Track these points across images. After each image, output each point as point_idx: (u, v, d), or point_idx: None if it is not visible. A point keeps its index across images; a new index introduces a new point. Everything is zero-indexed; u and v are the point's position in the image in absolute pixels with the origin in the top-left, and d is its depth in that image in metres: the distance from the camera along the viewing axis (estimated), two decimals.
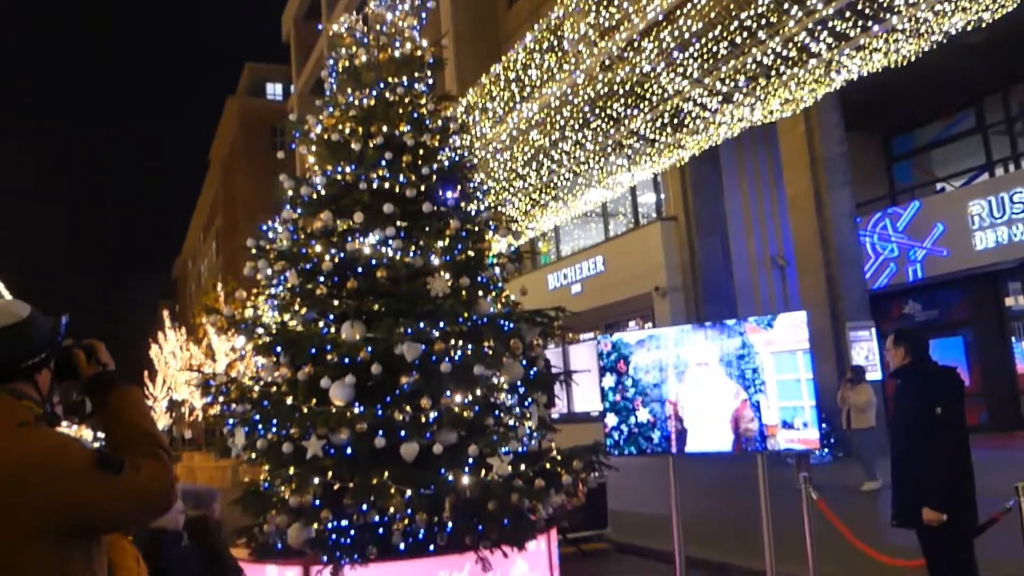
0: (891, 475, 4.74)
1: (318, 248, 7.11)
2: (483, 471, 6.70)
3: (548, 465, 7.21)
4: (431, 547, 6.49)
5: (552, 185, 18.15)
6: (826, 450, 14.15)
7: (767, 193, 20.65)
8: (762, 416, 6.32)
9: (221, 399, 7.24)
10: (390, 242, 7.05)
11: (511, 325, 7.44)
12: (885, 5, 11.22)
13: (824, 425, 12.81)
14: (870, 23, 11.61)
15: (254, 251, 7.37)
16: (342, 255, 7.02)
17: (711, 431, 6.62)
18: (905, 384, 4.74)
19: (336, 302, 6.95)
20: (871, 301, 16.94)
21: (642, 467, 12.81)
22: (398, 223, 7.14)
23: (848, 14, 11.49)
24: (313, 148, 7.82)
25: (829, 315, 16.16)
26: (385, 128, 7.48)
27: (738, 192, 21.07)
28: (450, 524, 6.50)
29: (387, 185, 7.33)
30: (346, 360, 6.63)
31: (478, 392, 6.91)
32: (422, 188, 7.40)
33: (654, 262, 20.88)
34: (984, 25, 11.90)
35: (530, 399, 7.58)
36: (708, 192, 20.56)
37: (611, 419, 7.19)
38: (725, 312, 18.72)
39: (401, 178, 7.36)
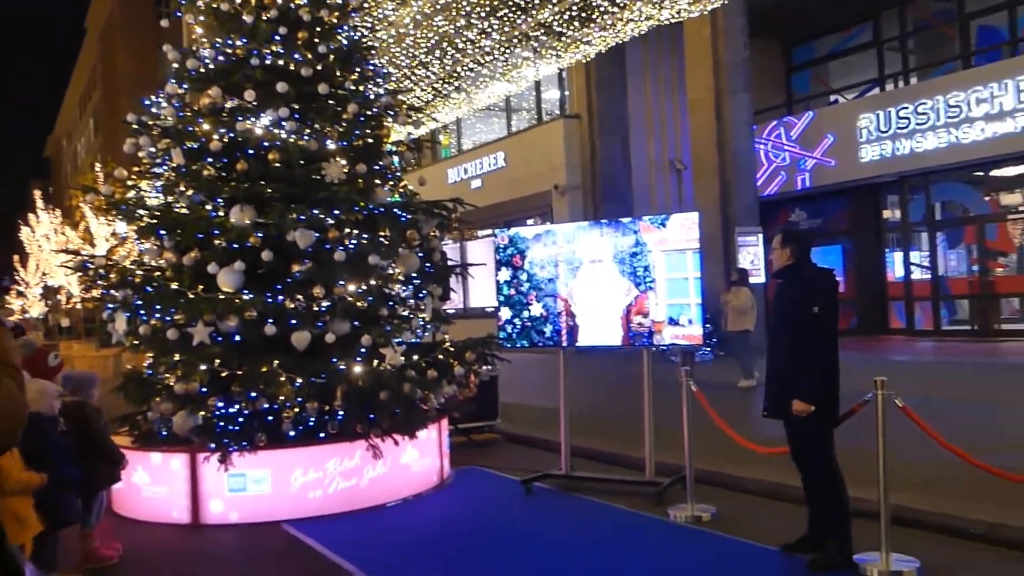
0: (766, 369, 5.00)
1: (206, 126, 6.78)
2: (376, 361, 6.72)
3: (441, 356, 7.30)
4: (322, 434, 6.53)
5: (455, 75, 17.70)
6: (708, 348, 14.81)
7: (669, 97, 20.78)
8: (650, 312, 6.51)
9: (100, 283, 6.94)
10: (283, 123, 6.78)
11: (408, 216, 7.35)
12: None
13: (708, 325, 13.36)
14: None
15: (136, 127, 6.96)
16: (231, 135, 6.71)
17: (602, 326, 6.79)
18: (786, 284, 4.95)
19: (225, 184, 6.68)
20: (760, 207, 17.50)
21: (534, 362, 13.15)
22: (292, 104, 6.85)
23: None
24: (201, 18, 7.33)
25: (720, 219, 16.63)
26: (279, 0, 7.07)
27: (641, 94, 21.11)
28: (341, 412, 6.54)
29: (281, 62, 6.99)
30: (235, 245, 6.43)
31: (372, 282, 6.86)
32: (319, 68, 7.09)
33: (555, 160, 20.88)
34: None
35: (425, 291, 7.59)
36: (612, 92, 20.50)
37: (505, 312, 7.28)
38: (622, 212, 19.00)
39: (296, 56, 7.02)
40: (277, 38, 7.00)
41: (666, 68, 20.65)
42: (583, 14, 14.70)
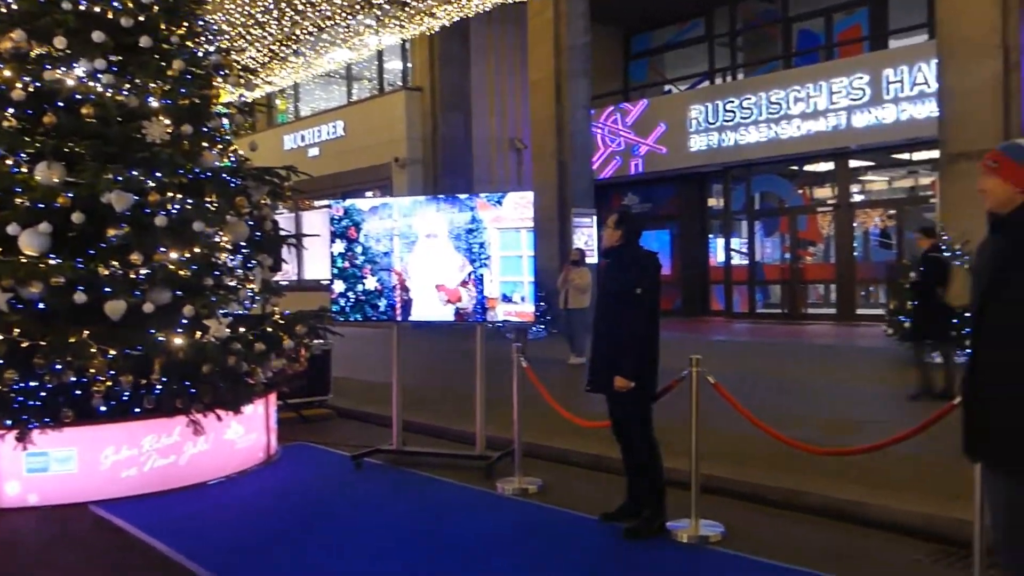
0: (590, 347, 5.17)
1: (7, 73, 6.17)
2: (199, 333, 6.41)
3: (270, 329, 7.05)
4: (137, 410, 6.16)
5: (294, 38, 17.08)
6: (541, 326, 15.17)
7: (512, 76, 20.99)
8: (484, 289, 6.57)
9: None
10: (99, 76, 6.28)
11: (238, 182, 7.03)
12: None
13: (542, 303, 13.67)
14: None
15: None
16: (38, 84, 6.15)
17: (436, 302, 6.78)
18: (614, 263, 5.13)
19: (30, 138, 6.12)
20: (596, 190, 18.05)
21: (369, 336, 13.01)
22: (110, 56, 6.36)
23: None
24: None
25: (557, 199, 17.01)
26: None
27: (484, 71, 21.19)
28: (159, 386, 6.19)
29: (98, 9, 6.46)
30: (41, 205, 5.92)
31: (197, 250, 6.51)
32: (140, 19, 6.61)
33: (396, 132, 20.62)
34: None
35: (254, 261, 7.30)
36: (455, 67, 20.45)
37: (339, 286, 7.13)
38: (463, 188, 19.06)
39: (115, 3, 6.51)
40: None
41: (509, 47, 20.83)
42: None
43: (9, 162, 6.06)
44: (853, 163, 17.48)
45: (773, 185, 19.21)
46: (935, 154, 12.55)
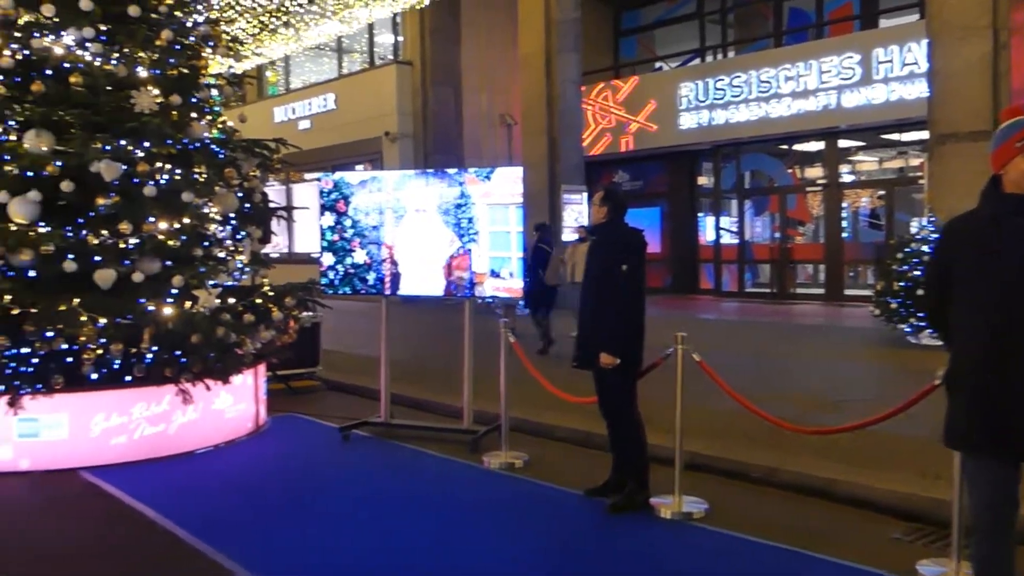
0: (577, 322, 5.22)
1: None
2: (188, 303, 6.43)
3: (259, 301, 7.08)
4: (127, 378, 6.19)
5: (284, 9, 16.92)
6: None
7: (502, 50, 20.86)
8: (473, 264, 6.61)
9: None
10: (88, 45, 6.25)
11: (227, 153, 7.03)
12: None
13: (527, 279, 13.67)
14: None
15: None
16: (26, 52, 6.12)
17: (424, 276, 6.82)
18: (599, 240, 5.18)
19: (18, 107, 6.10)
20: (586, 167, 18.04)
21: (358, 309, 13.04)
22: (98, 24, 6.33)
23: None
24: None
25: (547, 176, 17.02)
26: None
27: (475, 45, 21.08)
28: (149, 356, 6.22)
29: None
30: (29, 174, 5.91)
31: (186, 220, 6.52)
32: None
33: (386, 106, 20.53)
34: None
35: (244, 233, 7.31)
36: (446, 41, 20.34)
37: (328, 258, 7.15)
38: (453, 163, 18.98)
39: None
40: None
41: (500, 21, 20.68)
42: None
43: None
44: (843, 143, 17.52)
45: (763, 164, 19.25)
46: (925, 135, 12.59)
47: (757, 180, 19.66)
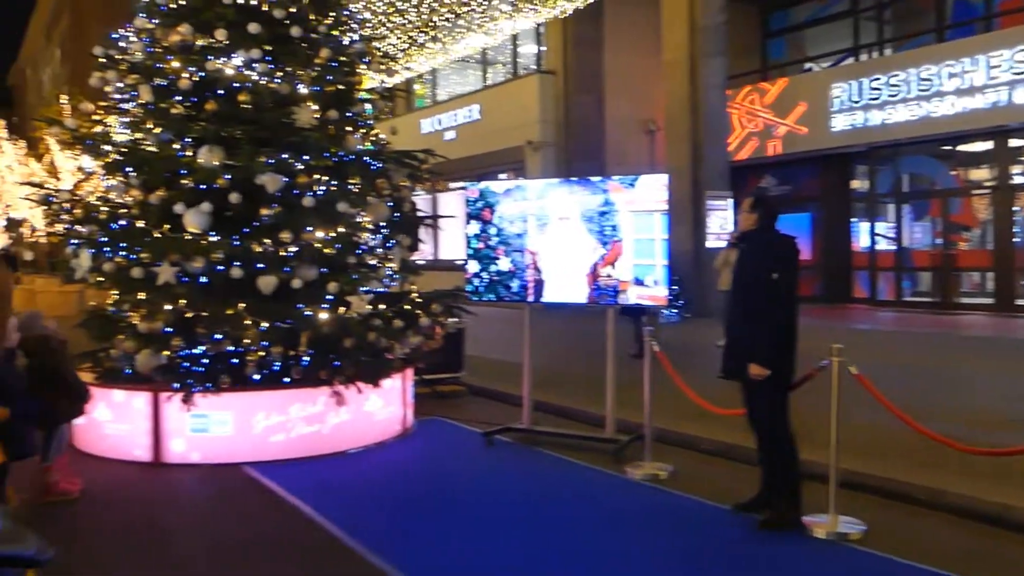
0: (725, 332, 5.09)
1: (175, 64, 6.64)
2: (342, 308, 6.72)
3: (408, 307, 7.31)
4: (286, 379, 6.55)
5: (432, 25, 17.44)
6: (674, 310, 14.98)
7: (645, 56, 20.65)
8: (618, 264, 6.57)
9: (65, 218, 6.84)
10: (255, 65, 6.67)
11: (379, 164, 7.30)
12: None
13: (674, 286, 13.50)
14: None
15: (103, 61, 6.81)
16: (202, 74, 6.59)
17: (568, 283, 6.84)
18: (749, 248, 5.02)
19: (194, 124, 6.58)
20: (732, 172, 17.58)
21: (501, 315, 13.21)
22: (264, 46, 6.73)
23: None
24: None
25: (691, 181, 16.69)
26: None
27: (617, 52, 20.96)
28: (306, 358, 6.55)
29: (254, 2, 6.85)
30: (203, 186, 6.36)
31: (341, 229, 6.83)
32: (292, 10, 6.96)
33: (529, 115, 20.75)
34: None
35: (394, 241, 7.57)
36: (588, 49, 20.34)
37: (473, 266, 7.29)
38: (595, 170, 18.98)
39: None
40: None
41: (642, 28, 20.48)
42: None
43: (176, 146, 6.54)
44: (1014, 142, 16.26)
45: (923, 166, 18.15)
46: None
47: (917, 183, 18.55)
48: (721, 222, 16.26)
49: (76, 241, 6.72)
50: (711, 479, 5.89)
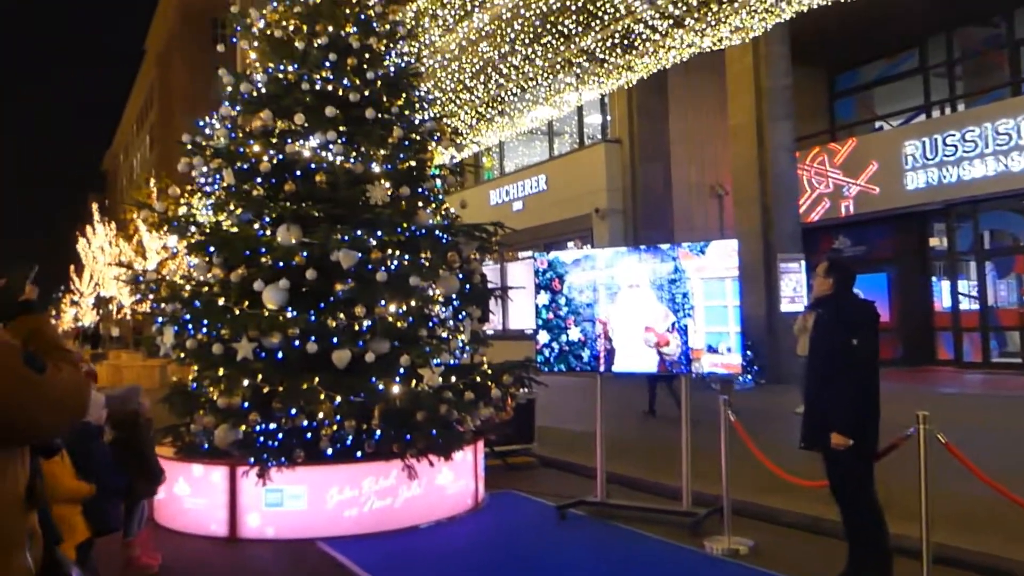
0: (804, 400, 4.96)
1: (256, 148, 6.95)
2: (414, 381, 6.79)
3: (478, 378, 7.34)
4: (359, 453, 6.60)
5: (499, 99, 17.88)
6: (748, 377, 14.67)
7: (711, 121, 20.73)
8: (689, 340, 6.50)
9: (151, 297, 7.13)
10: (331, 146, 6.92)
11: (449, 238, 7.44)
12: None
13: (748, 352, 13.24)
14: None
15: (190, 147, 7.17)
16: (281, 157, 6.87)
17: (638, 351, 6.78)
18: (826, 314, 4.92)
19: (273, 204, 6.83)
20: (803, 234, 17.33)
21: (571, 385, 13.14)
22: (340, 127, 7.00)
23: None
24: (255, 44, 7.56)
25: (762, 245, 16.51)
26: (331, 28, 7.26)
27: (683, 118, 21.09)
28: (378, 432, 6.60)
29: (330, 87, 7.15)
30: (281, 264, 6.57)
31: (413, 303, 6.94)
32: (366, 93, 7.24)
33: (596, 183, 20.92)
34: None
35: (464, 312, 7.65)
36: (653, 117, 20.53)
37: (543, 336, 7.30)
38: (662, 237, 18.96)
39: (345, 81, 7.18)
40: (327, 64, 7.17)
41: (707, 93, 20.62)
42: (625, 41, 14.79)
43: (256, 226, 6.79)
44: None
45: (1005, 222, 17.58)
46: None
47: (998, 240, 17.96)
48: (795, 285, 15.97)
49: (161, 319, 6.98)
50: (794, 554, 5.67)
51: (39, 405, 1.94)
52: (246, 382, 6.52)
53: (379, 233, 6.81)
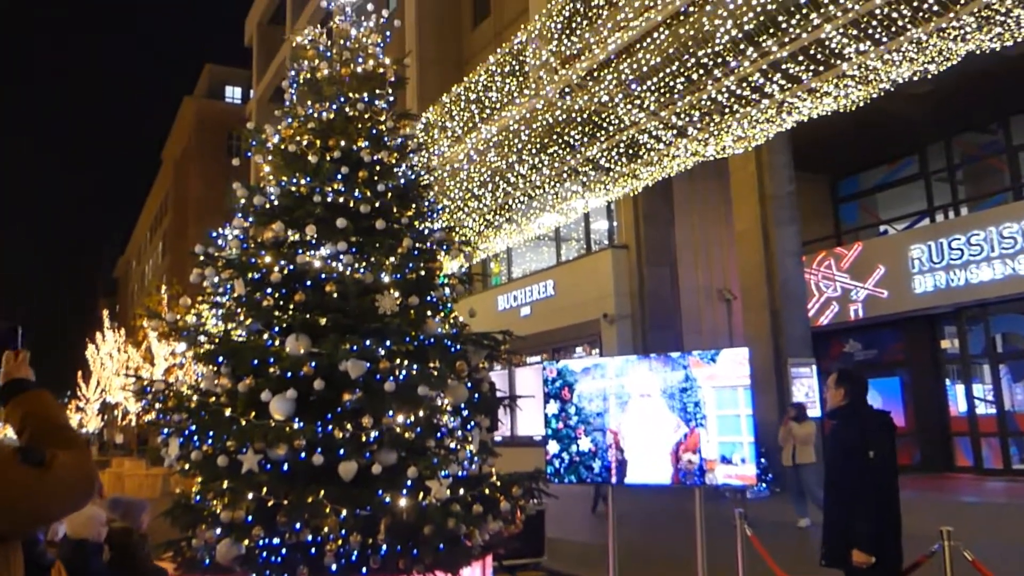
0: (823, 515, 4.82)
1: (267, 259, 7.02)
2: (421, 494, 6.64)
3: (487, 490, 7.17)
4: (364, 569, 6.39)
5: (506, 207, 18.22)
6: (763, 485, 14.35)
7: (717, 226, 21.02)
8: (702, 450, 6.38)
9: (157, 406, 7.07)
10: (341, 257, 6.98)
11: (458, 346, 7.41)
12: (836, 52, 11.54)
13: (762, 460, 13.00)
14: (821, 68, 11.93)
15: (202, 258, 7.25)
16: (291, 267, 6.93)
17: (651, 463, 6.66)
18: (841, 426, 4.84)
19: (282, 314, 6.85)
20: (813, 338, 17.28)
21: (580, 493, 12.87)
22: (351, 238, 7.09)
23: (801, 58, 11.80)
24: (269, 158, 7.74)
25: (772, 350, 16.43)
26: (343, 143, 7.45)
27: (688, 224, 21.39)
28: (384, 547, 6.42)
29: (342, 200, 7.27)
30: (288, 374, 6.53)
31: (421, 413, 6.86)
32: (377, 205, 7.36)
33: (604, 289, 21.04)
34: (930, 76, 12.32)
35: (473, 422, 7.55)
36: (659, 222, 20.84)
37: (553, 447, 7.19)
38: (671, 341, 18.92)
39: (356, 193, 7.31)
40: (339, 177, 7.32)
41: (712, 199, 20.99)
42: (630, 151, 15.17)
43: (265, 336, 6.80)
44: None
45: (1017, 325, 17.52)
46: None
47: (1011, 343, 17.85)
48: (807, 390, 15.82)
49: (167, 431, 6.91)
50: None
51: (42, 499, 1.90)
52: (250, 495, 6.38)
53: (388, 342, 6.79)
